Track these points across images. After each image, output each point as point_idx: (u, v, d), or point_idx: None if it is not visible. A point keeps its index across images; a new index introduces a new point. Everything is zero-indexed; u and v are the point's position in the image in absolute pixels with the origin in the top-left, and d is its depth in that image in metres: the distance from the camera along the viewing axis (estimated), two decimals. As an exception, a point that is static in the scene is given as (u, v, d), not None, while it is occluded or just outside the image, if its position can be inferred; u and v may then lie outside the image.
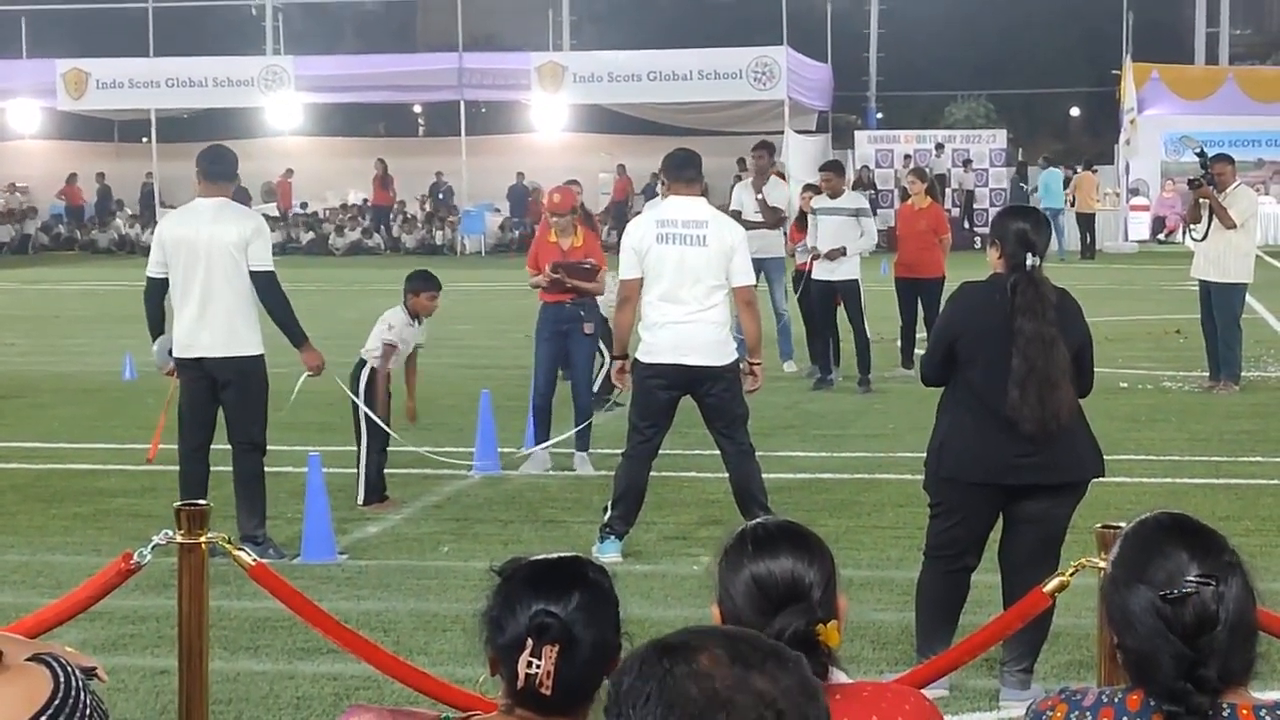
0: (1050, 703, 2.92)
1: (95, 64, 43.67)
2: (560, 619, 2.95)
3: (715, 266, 9.46)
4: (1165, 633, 2.76)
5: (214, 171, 9.68)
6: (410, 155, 46.96)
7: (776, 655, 2.15)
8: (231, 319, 9.47)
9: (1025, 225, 6.83)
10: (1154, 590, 2.78)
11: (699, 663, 2.10)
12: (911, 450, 11.12)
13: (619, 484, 9.70)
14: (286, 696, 7.09)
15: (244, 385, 9.56)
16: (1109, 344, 16.42)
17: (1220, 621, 2.76)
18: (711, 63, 40.95)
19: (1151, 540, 2.85)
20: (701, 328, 9.41)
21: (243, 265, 9.48)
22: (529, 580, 3.02)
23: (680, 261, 9.42)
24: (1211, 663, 2.74)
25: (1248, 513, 10.43)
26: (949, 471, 6.87)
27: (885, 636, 7.84)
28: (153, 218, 45.23)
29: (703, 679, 2.09)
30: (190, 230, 9.55)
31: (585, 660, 2.96)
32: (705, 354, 9.43)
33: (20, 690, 3.17)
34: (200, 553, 5.19)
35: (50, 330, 23.82)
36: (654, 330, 9.47)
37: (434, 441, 13.38)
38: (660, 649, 2.14)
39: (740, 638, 2.18)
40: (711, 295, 9.46)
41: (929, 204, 17.95)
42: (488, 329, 22.80)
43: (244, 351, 9.52)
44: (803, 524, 3.25)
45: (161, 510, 5.51)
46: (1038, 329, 6.64)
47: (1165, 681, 2.75)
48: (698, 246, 9.44)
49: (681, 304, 9.40)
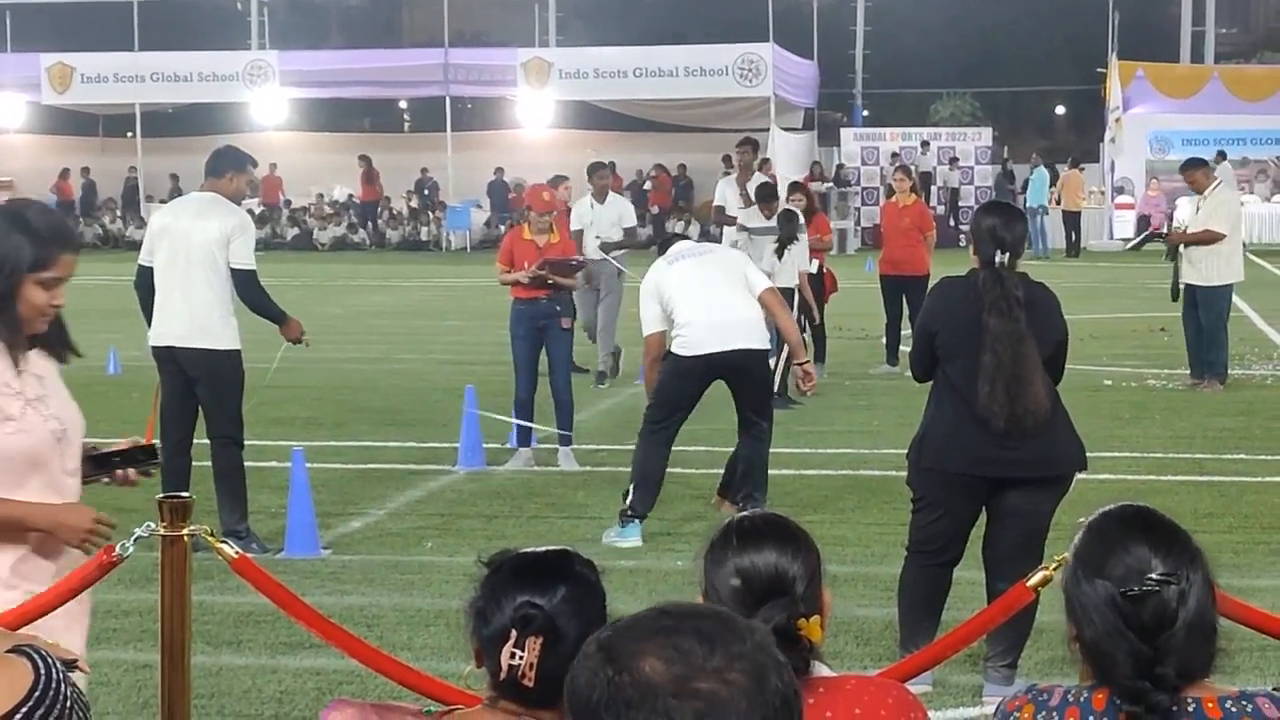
0: (1018, 703, 2.91)
1: (80, 58, 43.59)
2: (545, 611, 2.95)
3: (731, 271, 10.11)
4: (1123, 629, 2.74)
5: (209, 166, 9.79)
6: (395, 151, 46.92)
7: (737, 651, 2.05)
8: (208, 312, 9.49)
9: (996, 221, 6.85)
10: (1113, 585, 2.76)
11: (638, 670, 2.01)
12: (896, 446, 11.12)
13: (639, 468, 9.96)
14: (269, 691, 7.08)
15: (216, 380, 9.57)
16: (1093, 341, 16.46)
17: (1179, 620, 2.74)
18: (697, 59, 40.96)
19: (1112, 534, 2.83)
20: (740, 313, 9.90)
21: (222, 261, 9.49)
22: (515, 572, 3.02)
23: (698, 268, 10.05)
24: (1169, 660, 2.72)
25: (1230, 510, 10.45)
26: (929, 462, 6.89)
27: (869, 632, 7.85)
28: (137, 213, 45.18)
29: (642, 685, 2.00)
30: (175, 221, 9.65)
31: (569, 653, 2.95)
32: (747, 338, 9.90)
33: (2, 682, 3.16)
34: (183, 545, 5.17)
35: (34, 324, 23.73)
36: (690, 328, 9.85)
37: (418, 437, 13.37)
38: (601, 649, 2.08)
39: (678, 630, 2.06)
40: (736, 291, 9.97)
41: (914, 201, 17.97)
42: (473, 325, 22.79)
43: (216, 345, 9.52)
44: (789, 518, 3.25)
45: (144, 504, 5.48)
46: (1004, 326, 6.66)
47: (1122, 679, 2.73)
48: (708, 255, 10.36)
49: (714, 300, 9.89)
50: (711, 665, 1.98)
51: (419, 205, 45.27)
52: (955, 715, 6.78)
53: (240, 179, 9.81)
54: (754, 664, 2.01)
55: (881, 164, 41.11)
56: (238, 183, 9.79)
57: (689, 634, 2.02)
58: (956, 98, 53.44)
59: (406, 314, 25.65)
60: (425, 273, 34.08)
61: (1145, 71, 42.37)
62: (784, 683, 2.02)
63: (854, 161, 42.88)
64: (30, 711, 3.16)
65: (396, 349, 19.79)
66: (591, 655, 2.07)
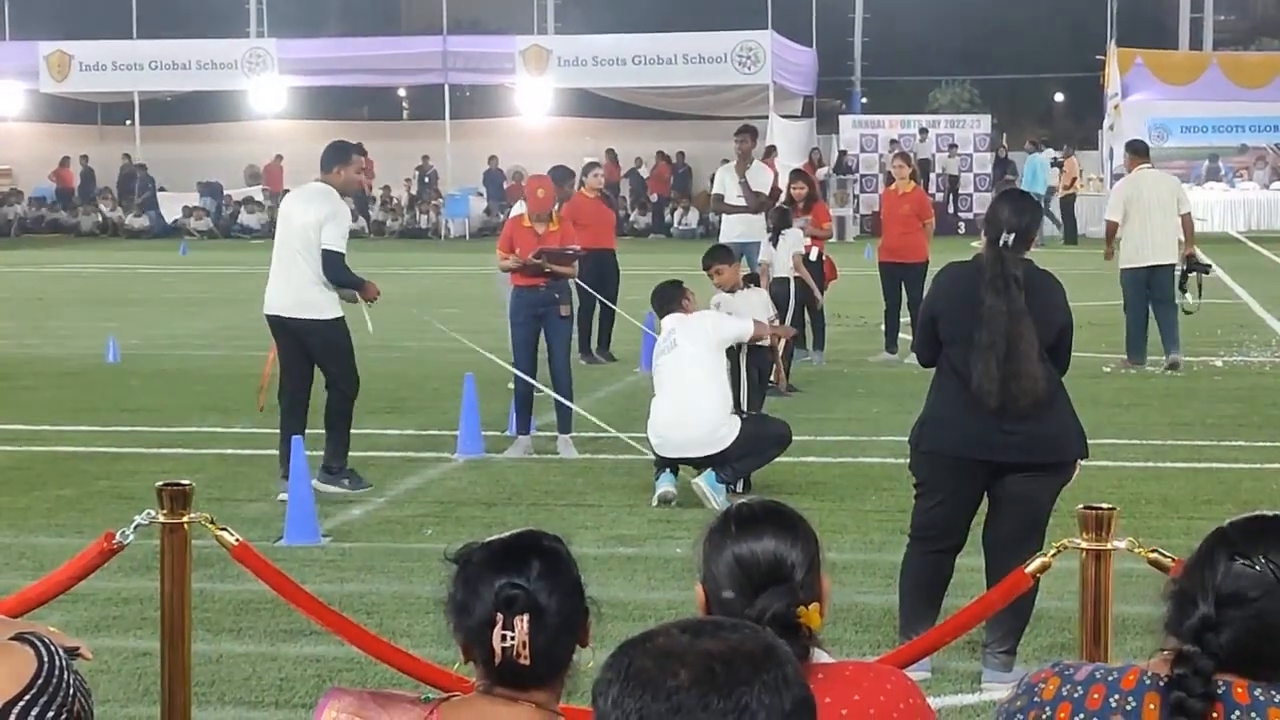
0: (1044, 674, 2.93)
1: (78, 46, 43.58)
2: (525, 589, 2.99)
3: (704, 353, 10.68)
4: (1210, 586, 2.79)
5: (321, 162, 11.05)
6: (394, 139, 46.87)
7: (733, 625, 2.20)
8: (307, 286, 10.79)
9: (1007, 206, 6.96)
10: (1236, 551, 2.81)
11: (655, 642, 2.15)
12: (895, 434, 11.14)
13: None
14: (269, 678, 7.09)
15: (323, 344, 10.88)
16: (1092, 329, 16.46)
17: (1249, 603, 2.79)
18: (696, 47, 40.96)
19: (1273, 522, 2.88)
20: (701, 417, 10.62)
21: (315, 242, 10.71)
22: (486, 560, 3.05)
23: (674, 365, 10.68)
24: (1224, 631, 2.77)
25: (1229, 497, 10.45)
26: (929, 445, 6.91)
27: (868, 619, 7.86)
28: (134, 201, 45.16)
29: (656, 652, 2.13)
30: (287, 207, 11.17)
31: (554, 626, 3.00)
32: (700, 447, 10.64)
33: (5, 670, 3.16)
34: (183, 533, 5.18)
35: (33, 313, 23.77)
36: (653, 429, 10.77)
37: (418, 424, 13.38)
38: (623, 644, 2.20)
39: (702, 620, 2.22)
40: (707, 388, 10.73)
41: (913, 188, 17.97)
42: (472, 312, 22.77)
43: (319, 315, 10.80)
44: (788, 505, 3.26)
45: (145, 492, 5.52)
46: (1000, 303, 6.68)
47: (1185, 633, 2.78)
48: (681, 348, 10.74)
49: (678, 406, 10.64)
50: (721, 634, 2.18)
51: (418, 193, 45.24)
52: (954, 702, 6.79)
53: (347, 170, 10.99)
54: (756, 637, 2.19)
55: (880, 151, 41.07)
56: (345, 174, 10.98)
57: (704, 620, 2.21)
58: (955, 85, 53.38)
59: (405, 301, 25.62)
60: (424, 260, 34.06)
61: (1144, 58, 42.34)
62: (781, 663, 2.14)
63: (853, 149, 42.83)
64: (34, 699, 3.17)
65: (395, 337, 19.78)
66: (614, 651, 2.21)
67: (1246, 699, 2.80)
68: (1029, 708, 2.90)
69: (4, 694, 3.16)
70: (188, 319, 22.65)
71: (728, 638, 2.15)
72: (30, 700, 3.17)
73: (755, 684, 2.09)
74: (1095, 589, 4.93)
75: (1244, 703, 2.80)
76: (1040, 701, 2.89)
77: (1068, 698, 2.87)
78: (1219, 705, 2.78)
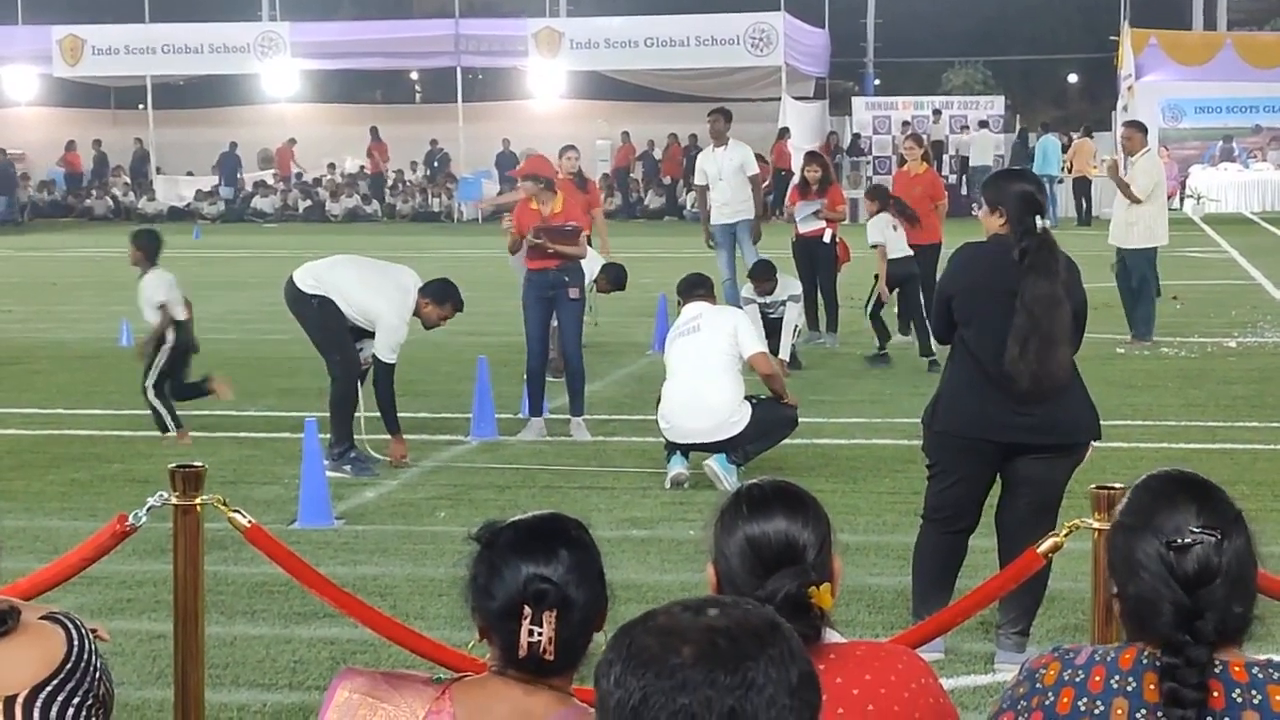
0: (1044, 660, 2.93)
1: (91, 30, 43.56)
2: (555, 583, 2.92)
3: (720, 344, 10.65)
4: (1168, 580, 2.80)
5: (432, 290, 11.43)
6: (407, 122, 46.89)
7: (734, 602, 2.21)
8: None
9: (1030, 188, 6.92)
10: (1160, 538, 2.82)
11: (656, 620, 2.16)
12: (908, 415, 11.13)
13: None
14: (283, 660, 7.10)
15: (302, 320, 11.23)
16: (1105, 309, 16.42)
17: (1220, 574, 2.80)
18: (709, 29, 40.87)
19: (1162, 492, 2.90)
20: (712, 401, 10.62)
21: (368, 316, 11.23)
22: (513, 545, 2.98)
23: (692, 345, 10.66)
24: (1209, 615, 2.77)
25: (1243, 477, 10.43)
26: (942, 425, 6.90)
27: (881, 601, 7.86)
28: (148, 185, 45.18)
29: (658, 630, 2.14)
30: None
31: (579, 620, 2.96)
32: (710, 434, 10.67)
33: (37, 652, 3.18)
34: (196, 515, 5.19)
35: (46, 297, 23.79)
36: (664, 417, 10.72)
37: (430, 408, 13.39)
38: (624, 625, 2.20)
39: (703, 598, 2.23)
40: (721, 376, 10.73)
41: (925, 170, 17.93)
42: (485, 295, 22.76)
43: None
44: (799, 486, 3.25)
45: (158, 475, 5.53)
46: (1049, 289, 6.66)
47: (1164, 630, 2.78)
48: (701, 333, 10.76)
49: (692, 390, 10.63)
50: (723, 608, 2.19)
51: (430, 176, 45.22)
52: (967, 683, 6.79)
53: (438, 308, 11.43)
54: (760, 613, 2.20)
55: (893, 133, 40.97)
56: (432, 310, 11.40)
57: (707, 599, 2.20)
58: (968, 66, 53.26)
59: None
60: (437, 243, 34.05)
61: (1158, 39, 42.18)
62: (783, 637, 2.16)
63: (866, 130, 42.75)
64: (62, 682, 3.19)
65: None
66: (616, 632, 2.21)
67: (1245, 677, 2.79)
68: (1031, 694, 2.90)
69: (38, 674, 3.18)
70: (201, 303, 22.59)
71: (730, 613, 2.15)
72: (59, 683, 3.19)
73: (761, 658, 2.09)
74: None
75: (1243, 681, 2.79)
76: (1042, 688, 2.89)
77: (1069, 682, 2.86)
78: (1218, 684, 2.77)
